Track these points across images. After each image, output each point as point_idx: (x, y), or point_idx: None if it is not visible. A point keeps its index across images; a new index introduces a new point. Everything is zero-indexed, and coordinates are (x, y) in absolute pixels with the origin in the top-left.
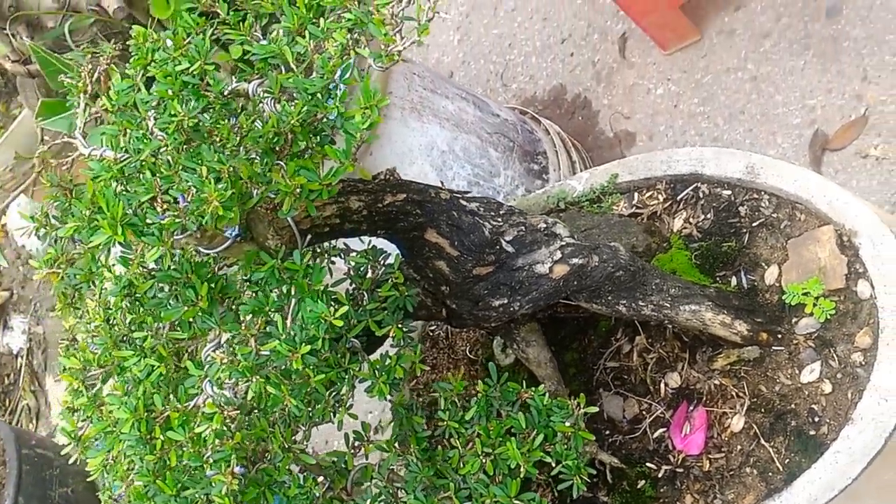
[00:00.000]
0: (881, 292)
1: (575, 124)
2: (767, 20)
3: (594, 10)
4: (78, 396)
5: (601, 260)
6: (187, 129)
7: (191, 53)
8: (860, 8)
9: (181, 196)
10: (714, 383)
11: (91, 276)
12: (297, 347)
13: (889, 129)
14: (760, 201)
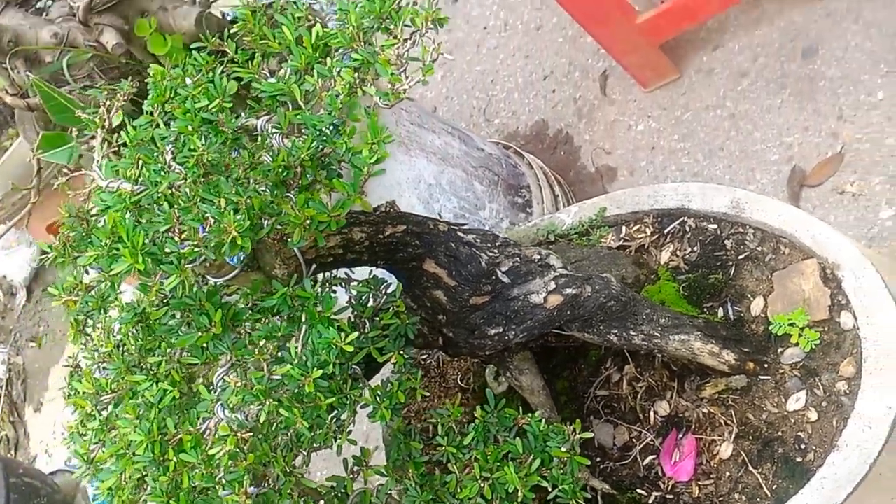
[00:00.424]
0: (863, 323)
1: (557, 159)
2: (745, 60)
3: (575, 48)
4: (90, 420)
5: (593, 290)
6: (206, 164)
7: (210, 92)
8: (835, 49)
9: (201, 226)
10: (702, 411)
11: (103, 303)
12: (310, 372)
13: (864, 167)
14: (745, 235)
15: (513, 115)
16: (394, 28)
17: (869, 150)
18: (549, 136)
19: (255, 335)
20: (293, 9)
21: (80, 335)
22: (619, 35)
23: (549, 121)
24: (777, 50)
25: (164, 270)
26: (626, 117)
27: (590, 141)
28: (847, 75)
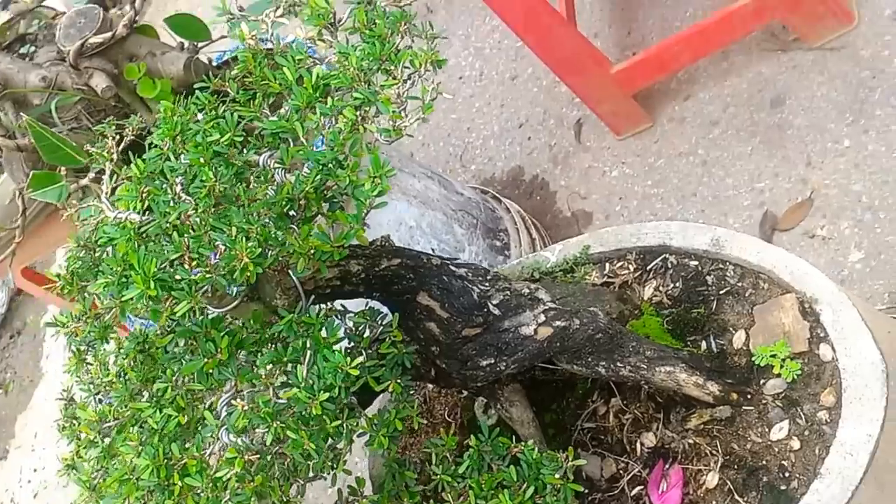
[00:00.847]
0: (842, 354)
1: (533, 204)
2: (715, 109)
3: (550, 97)
4: (93, 447)
5: (582, 323)
6: (217, 195)
7: (221, 126)
8: (802, 99)
9: (213, 253)
10: (688, 442)
11: (105, 332)
12: (316, 395)
13: (833, 211)
14: (726, 271)
15: (489, 161)
16: (393, 69)
17: (837, 196)
18: (525, 181)
19: (262, 360)
20: (293, 51)
21: (81, 364)
22: (594, 85)
23: (525, 167)
24: (746, 100)
25: (175, 297)
26: (601, 164)
27: (565, 186)
28: (814, 124)
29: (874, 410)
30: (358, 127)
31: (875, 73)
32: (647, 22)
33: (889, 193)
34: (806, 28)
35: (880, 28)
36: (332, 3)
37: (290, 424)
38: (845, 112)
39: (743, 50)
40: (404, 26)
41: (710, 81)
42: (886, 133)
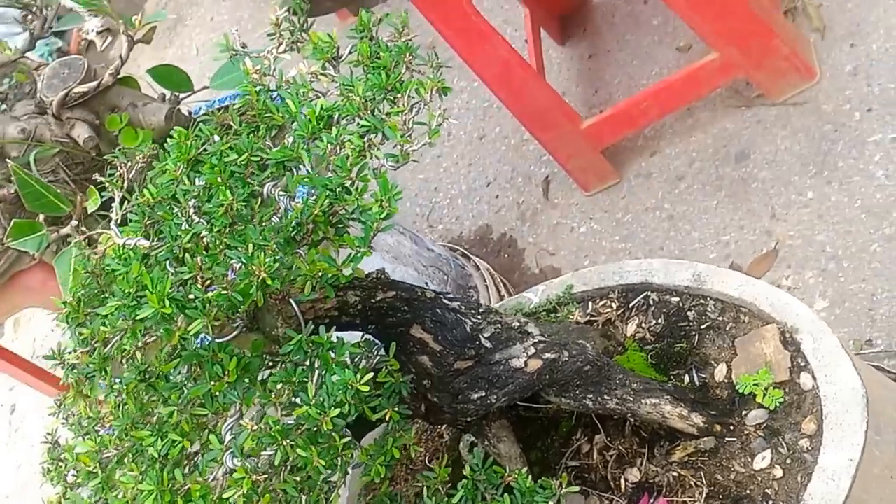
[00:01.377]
0: (823, 382)
1: (501, 261)
2: (681, 164)
3: (518, 156)
4: (92, 478)
5: (571, 355)
6: (234, 213)
7: (238, 147)
8: (766, 153)
9: (230, 270)
10: (673, 475)
11: (104, 364)
12: (327, 411)
13: (797, 262)
14: (707, 306)
15: (456, 220)
16: (399, 97)
17: (801, 246)
18: (493, 239)
19: (272, 380)
20: (296, 85)
21: (79, 396)
22: (564, 140)
23: (493, 225)
24: (711, 155)
25: (189, 316)
26: (569, 220)
27: (533, 243)
28: (778, 177)
29: (855, 435)
30: (365, 153)
31: (837, 127)
32: (613, 81)
33: (852, 242)
34: (769, 84)
35: (841, 83)
36: (335, 38)
37: (300, 442)
38: (808, 165)
39: (708, 106)
40: (409, 57)
41: (675, 137)
42: (849, 184)
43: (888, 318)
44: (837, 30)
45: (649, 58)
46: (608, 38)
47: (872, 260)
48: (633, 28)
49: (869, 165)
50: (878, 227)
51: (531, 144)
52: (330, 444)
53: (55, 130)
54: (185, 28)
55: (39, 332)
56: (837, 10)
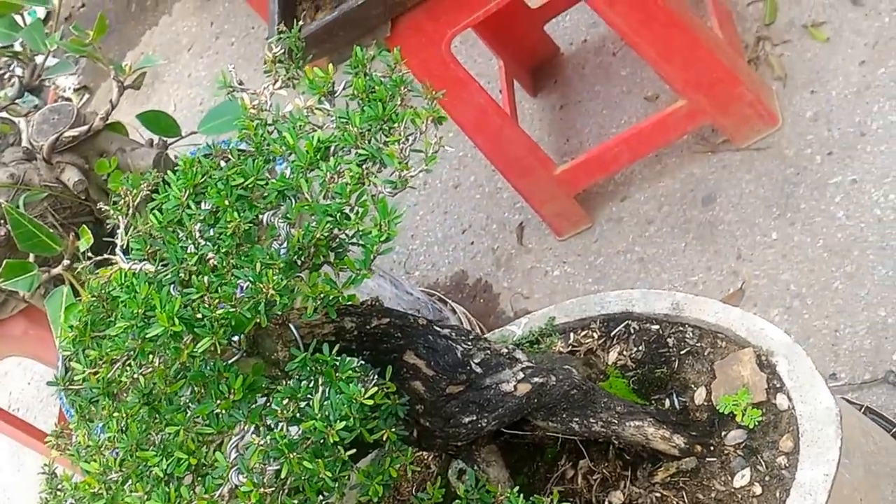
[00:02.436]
0: (798, 401)
1: (477, 306)
2: (651, 209)
3: (492, 203)
4: (97, 500)
5: (558, 379)
6: (240, 234)
7: (245, 171)
8: (731, 196)
9: (238, 288)
10: (656, 495)
11: (109, 388)
12: (333, 425)
13: (763, 300)
14: (685, 333)
15: (433, 266)
16: (396, 127)
17: (767, 285)
18: (468, 285)
19: (278, 395)
20: (292, 119)
21: (83, 421)
22: (539, 185)
23: (469, 271)
24: (679, 199)
25: (198, 334)
26: (543, 264)
27: (508, 288)
28: (743, 219)
29: (830, 451)
30: (363, 180)
31: (799, 170)
32: (584, 130)
33: (815, 281)
34: (734, 130)
35: (802, 129)
36: (330, 73)
37: (306, 455)
38: (772, 207)
39: (675, 152)
40: (404, 90)
41: (645, 183)
42: (811, 224)
43: (851, 352)
44: (798, 78)
45: (618, 107)
46: (579, 88)
47: (835, 297)
48: (603, 79)
49: (830, 206)
50: (839, 266)
51: (505, 192)
52: (335, 456)
53: (44, 175)
54: (163, 84)
55: (15, 387)
56: (798, 60)
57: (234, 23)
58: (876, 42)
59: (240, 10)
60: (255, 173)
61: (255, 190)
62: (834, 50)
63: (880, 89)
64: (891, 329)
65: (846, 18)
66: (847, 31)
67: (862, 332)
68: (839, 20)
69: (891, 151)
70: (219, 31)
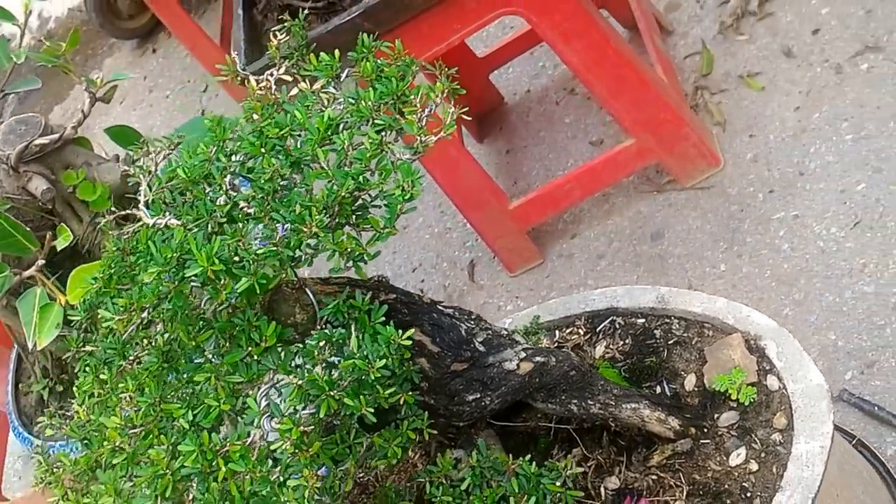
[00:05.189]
0: (789, 381)
1: None
2: (601, 244)
3: (442, 243)
4: (118, 455)
5: (558, 360)
6: (278, 181)
7: (278, 121)
8: (679, 232)
9: (280, 226)
10: (652, 478)
11: (125, 348)
12: (373, 363)
13: None
14: (672, 325)
15: None
16: (412, 99)
17: None
18: None
19: (313, 339)
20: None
21: (95, 382)
22: (493, 219)
23: None
24: (628, 235)
25: (236, 275)
26: (496, 299)
27: None
28: (692, 252)
29: (825, 425)
30: (383, 147)
31: (743, 207)
32: (531, 173)
33: (765, 308)
34: (679, 169)
35: (744, 169)
36: (337, 57)
37: (348, 392)
38: (719, 241)
39: (622, 193)
40: (416, 69)
41: (594, 221)
42: (758, 256)
43: None
44: (736, 123)
45: (564, 151)
46: (524, 134)
47: (786, 323)
48: (547, 126)
49: (775, 240)
50: (788, 294)
51: (455, 232)
52: (375, 395)
53: (6, 187)
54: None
55: None
56: (735, 107)
57: (169, 77)
58: (809, 90)
59: (175, 65)
60: (290, 124)
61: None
62: (769, 98)
63: (816, 132)
64: (841, 351)
65: (780, 69)
66: (781, 80)
67: (814, 355)
68: (773, 71)
69: (829, 189)
70: (152, 84)
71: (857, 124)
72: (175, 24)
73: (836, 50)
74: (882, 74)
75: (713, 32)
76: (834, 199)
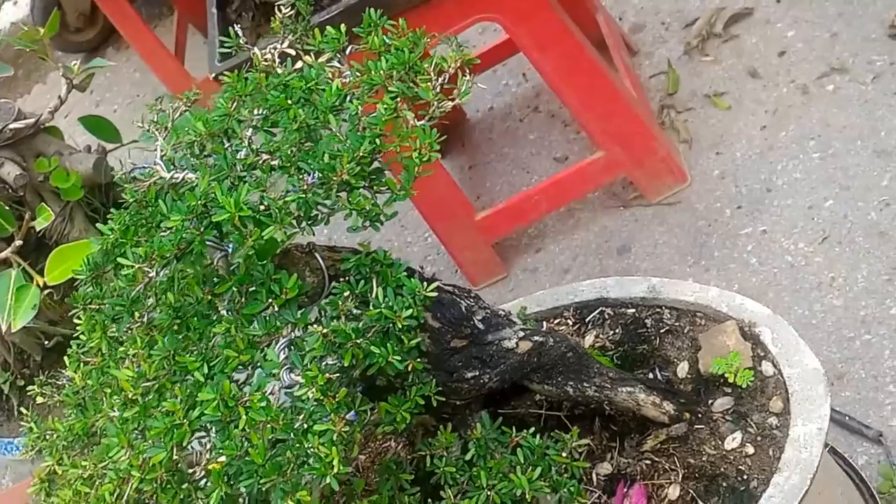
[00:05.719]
0: (784, 366)
1: None
2: (566, 259)
3: (402, 255)
4: (129, 408)
5: (555, 341)
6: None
7: (305, 74)
8: (646, 246)
9: (310, 174)
10: (645, 463)
11: (133, 305)
12: (400, 311)
13: None
14: (662, 314)
15: None
16: (427, 68)
17: None
18: None
19: (338, 290)
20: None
21: (103, 338)
22: (459, 231)
23: None
24: (594, 249)
25: (264, 222)
26: None
27: None
28: (659, 266)
29: (822, 408)
30: (398, 112)
31: (710, 222)
32: (494, 188)
33: None
34: (647, 184)
35: (711, 185)
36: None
37: (375, 340)
38: (687, 255)
39: (588, 208)
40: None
41: (559, 235)
42: (726, 271)
43: None
44: (703, 141)
45: (528, 167)
46: (486, 151)
47: None
48: (511, 142)
49: (743, 254)
50: None
51: (415, 247)
52: (401, 345)
53: None
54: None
55: None
56: (702, 125)
57: (117, 91)
58: (776, 109)
59: (123, 80)
60: (316, 77)
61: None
62: (736, 117)
63: (783, 150)
64: None
65: (746, 89)
66: (747, 100)
67: None
68: (739, 91)
69: (797, 205)
70: (99, 98)
71: (823, 143)
72: (134, 35)
73: (802, 71)
74: (848, 95)
75: (678, 53)
76: (802, 214)
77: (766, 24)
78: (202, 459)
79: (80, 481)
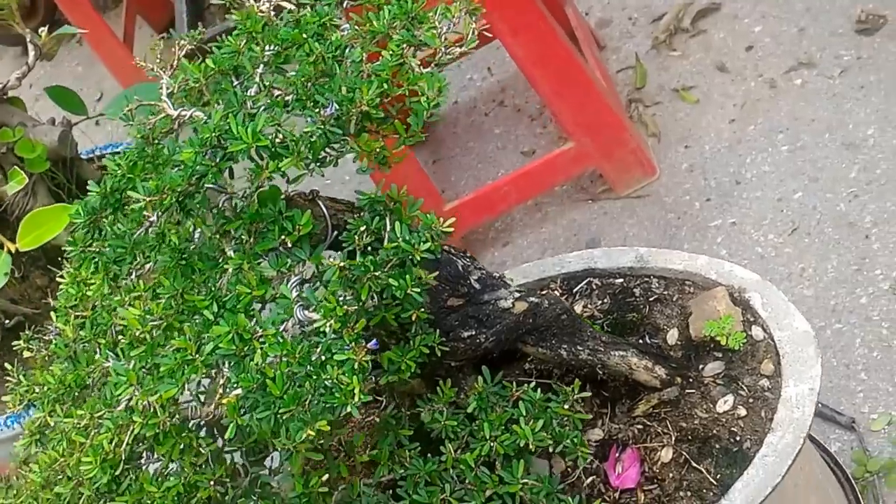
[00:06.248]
0: (775, 329)
1: None
2: (534, 252)
3: None
4: (135, 348)
5: (550, 303)
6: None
7: (319, 11)
8: (615, 239)
9: (327, 107)
10: (637, 427)
11: (136, 248)
12: (418, 245)
13: None
14: (651, 284)
15: None
16: (431, 17)
17: None
18: None
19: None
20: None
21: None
22: None
23: None
24: (563, 242)
25: (281, 153)
26: None
27: None
28: None
29: (813, 368)
30: (404, 59)
31: (679, 215)
32: (459, 182)
33: None
34: (616, 177)
35: (679, 179)
36: None
37: (394, 273)
38: (658, 246)
39: (555, 202)
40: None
41: (526, 229)
42: None
43: None
44: (671, 135)
45: (494, 161)
46: (451, 145)
47: None
48: (476, 137)
49: (713, 246)
50: None
51: None
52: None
53: None
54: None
55: None
56: (670, 119)
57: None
58: (744, 103)
59: (65, 74)
60: (331, 13)
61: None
62: (704, 110)
63: (751, 143)
64: None
65: (714, 83)
66: (715, 94)
67: None
68: (707, 85)
69: (766, 197)
70: (39, 93)
71: (792, 136)
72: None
73: (770, 65)
74: (816, 89)
75: (646, 48)
76: (771, 206)
77: (733, 18)
78: (211, 399)
79: (74, 431)
